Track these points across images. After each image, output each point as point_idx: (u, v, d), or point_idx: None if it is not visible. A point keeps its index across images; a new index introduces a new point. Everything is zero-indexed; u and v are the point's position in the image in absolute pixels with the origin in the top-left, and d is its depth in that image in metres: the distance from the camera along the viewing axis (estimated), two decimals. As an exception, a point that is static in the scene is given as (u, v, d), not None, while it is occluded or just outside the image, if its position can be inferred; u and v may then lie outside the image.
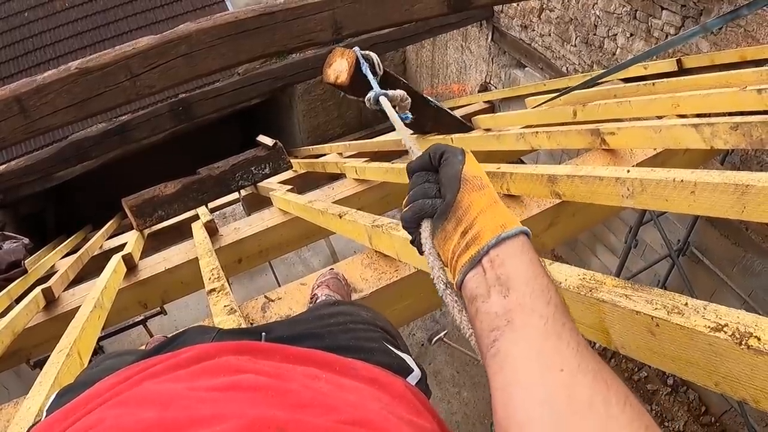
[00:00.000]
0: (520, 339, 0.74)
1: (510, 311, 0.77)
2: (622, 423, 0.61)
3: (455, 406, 7.04)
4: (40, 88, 4.19)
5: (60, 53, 9.44)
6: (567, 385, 0.66)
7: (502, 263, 0.82)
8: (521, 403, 0.67)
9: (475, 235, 0.86)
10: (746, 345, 0.94)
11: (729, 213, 1.62)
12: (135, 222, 4.50)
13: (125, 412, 0.77)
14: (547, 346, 0.71)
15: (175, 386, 0.84)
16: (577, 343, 0.71)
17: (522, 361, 0.71)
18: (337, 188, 4.26)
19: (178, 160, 7.91)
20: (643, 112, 3.53)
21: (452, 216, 0.90)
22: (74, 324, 2.27)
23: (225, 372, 0.87)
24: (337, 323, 1.24)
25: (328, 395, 0.82)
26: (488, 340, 0.77)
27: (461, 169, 0.92)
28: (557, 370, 0.68)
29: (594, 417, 0.62)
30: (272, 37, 4.82)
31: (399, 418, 0.80)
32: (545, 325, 0.73)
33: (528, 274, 0.80)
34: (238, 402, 0.75)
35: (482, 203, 0.89)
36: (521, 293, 0.78)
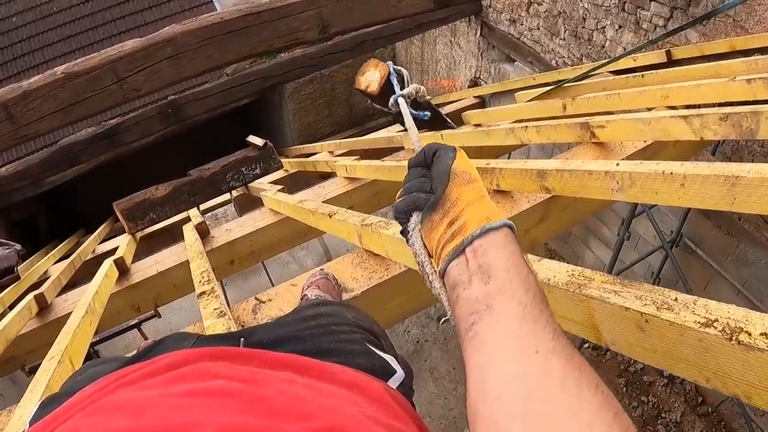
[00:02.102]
0: (498, 322, 0.76)
1: (489, 296, 0.79)
2: (593, 406, 0.63)
3: (452, 402, 7.04)
4: (27, 93, 4.18)
5: (48, 58, 9.43)
6: (541, 365, 0.68)
7: (484, 253, 0.84)
8: (495, 379, 0.69)
9: (460, 226, 0.89)
10: (737, 340, 0.93)
11: (719, 205, 1.62)
12: (127, 225, 4.49)
13: (98, 421, 0.76)
14: (524, 329, 0.73)
15: (148, 393, 0.83)
16: (554, 330, 0.73)
17: (498, 342, 0.74)
18: (328, 187, 4.25)
19: (169, 163, 7.87)
20: (633, 104, 3.53)
21: (440, 208, 0.93)
22: (65, 330, 2.26)
23: (199, 377, 0.86)
24: (319, 325, 1.24)
25: (304, 401, 0.82)
26: (467, 324, 0.79)
27: (451, 165, 0.96)
28: (532, 351, 0.70)
29: (566, 397, 0.64)
30: (258, 37, 4.82)
31: (376, 422, 0.79)
32: (523, 310, 0.75)
33: (509, 263, 0.82)
34: (212, 409, 0.75)
35: (470, 197, 0.92)
36: (501, 280, 0.80)
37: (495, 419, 0.66)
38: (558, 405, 0.63)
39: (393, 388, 1.04)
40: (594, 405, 0.63)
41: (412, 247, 1.00)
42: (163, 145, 8.11)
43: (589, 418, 0.62)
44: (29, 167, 6.47)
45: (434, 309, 8.02)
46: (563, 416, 0.62)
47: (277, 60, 7.59)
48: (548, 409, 0.63)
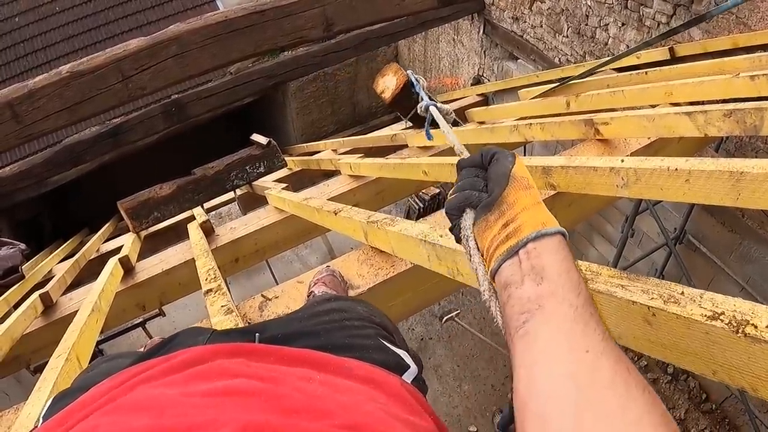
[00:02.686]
0: (550, 322, 0.78)
1: (542, 297, 0.81)
2: (641, 404, 0.64)
3: (456, 399, 7.04)
4: (32, 93, 4.18)
5: (52, 57, 9.43)
6: (591, 364, 0.69)
7: (538, 255, 0.86)
8: (546, 377, 0.71)
9: (516, 228, 0.91)
10: (743, 333, 0.93)
11: (724, 200, 1.62)
12: (131, 224, 4.50)
13: (119, 419, 0.77)
14: (575, 329, 0.75)
15: (168, 391, 0.83)
16: (603, 332, 0.75)
17: (550, 341, 0.75)
18: (332, 185, 4.25)
19: (173, 161, 7.89)
20: (637, 101, 3.53)
21: (496, 208, 0.95)
22: (72, 328, 2.27)
23: (218, 376, 0.86)
24: (332, 320, 1.24)
25: (323, 398, 0.82)
26: (518, 322, 0.81)
27: (511, 168, 0.98)
28: (583, 351, 0.71)
29: (615, 395, 0.65)
30: (263, 35, 4.82)
31: (395, 417, 0.80)
32: (574, 312, 0.77)
33: (561, 267, 0.84)
34: (232, 408, 0.75)
35: (527, 201, 0.94)
36: (554, 283, 0.82)
37: (545, 415, 0.67)
38: (608, 402, 0.65)
39: (408, 383, 1.05)
40: (642, 404, 0.65)
41: (465, 244, 1.02)
42: (166, 144, 8.09)
43: (637, 415, 0.63)
44: (33, 167, 6.48)
45: (438, 307, 8.02)
46: (613, 413, 0.64)
47: (280, 58, 7.59)
48: (598, 406, 0.65)
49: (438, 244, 1.72)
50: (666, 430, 0.63)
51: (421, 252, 1.86)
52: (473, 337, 7.72)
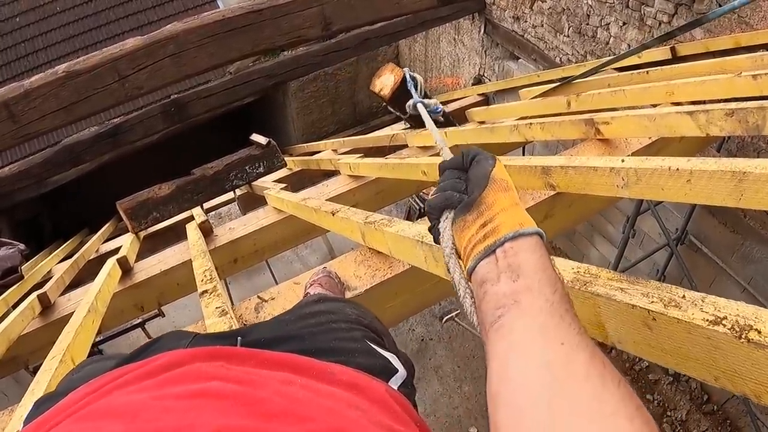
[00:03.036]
0: (525, 315, 0.78)
1: (517, 293, 0.82)
2: (616, 398, 0.64)
3: (456, 400, 7.04)
4: (28, 92, 4.18)
5: (52, 57, 9.44)
6: (566, 356, 0.70)
7: (515, 254, 0.87)
8: (520, 368, 0.71)
9: (493, 228, 0.92)
10: (746, 338, 0.92)
11: (726, 201, 1.60)
12: (130, 224, 4.49)
13: (91, 426, 0.75)
14: (550, 323, 0.75)
15: (141, 396, 0.82)
16: (578, 327, 0.75)
17: (524, 332, 0.76)
18: (331, 185, 4.24)
19: (173, 162, 7.87)
20: (638, 100, 3.51)
21: (475, 209, 0.97)
22: (67, 330, 2.26)
23: (194, 379, 0.85)
24: (318, 323, 1.24)
25: (302, 403, 0.81)
26: (493, 317, 0.82)
27: (491, 171, 1.00)
28: (558, 343, 0.72)
29: (590, 387, 0.65)
30: (261, 35, 4.81)
31: (377, 425, 0.78)
32: (550, 307, 0.78)
33: (538, 265, 0.85)
34: (206, 411, 0.74)
35: (505, 203, 0.96)
36: (530, 279, 0.83)
37: (519, 405, 0.67)
38: (583, 394, 0.65)
39: (394, 389, 1.04)
40: (617, 397, 0.64)
41: (442, 243, 1.04)
42: (166, 144, 8.10)
43: (613, 407, 0.63)
44: (32, 167, 6.47)
45: (438, 307, 8.01)
46: (588, 404, 0.64)
47: (280, 58, 7.58)
48: (573, 397, 0.65)
49: (434, 245, 1.70)
50: (641, 422, 0.62)
51: (418, 253, 1.84)
52: (474, 337, 7.71)
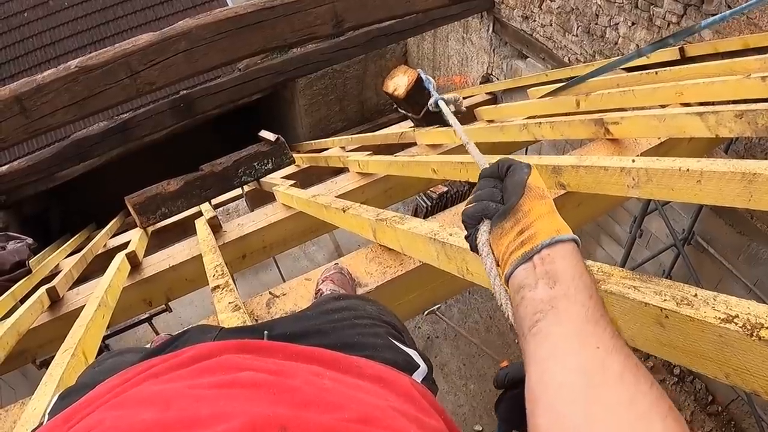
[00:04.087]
0: (562, 320, 0.81)
1: (554, 299, 0.84)
2: (649, 398, 0.67)
3: (462, 398, 7.04)
4: (41, 87, 4.19)
5: (60, 52, 9.43)
6: (602, 359, 0.72)
7: (552, 261, 0.89)
8: (557, 371, 0.74)
9: (530, 235, 0.94)
10: (757, 336, 0.93)
11: (736, 202, 1.61)
12: (138, 220, 4.49)
13: (125, 413, 0.76)
14: (586, 328, 0.78)
15: (174, 386, 0.83)
16: (613, 332, 0.78)
17: (561, 338, 0.79)
18: (340, 182, 4.25)
19: (181, 157, 7.88)
20: (647, 101, 3.52)
21: (512, 216, 0.98)
22: (78, 323, 2.27)
23: (226, 370, 0.86)
24: (342, 319, 1.24)
25: (333, 393, 0.82)
26: (530, 321, 0.84)
27: (527, 179, 1.01)
28: (594, 347, 0.74)
29: (624, 389, 0.68)
30: (272, 32, 4.81)
31: (406, 416, 0.79)
32: (586, 313, 0.80)
33: (575, 272, 0.87)
34: (240, 400, 0.75)
35: (541, 210, 0.97)
36: (567, 286, 0.85)
37: (557, 409, 0.70)
38: (617, 395, 0.68)
39: (418, 382, 1.04)
40: (650, 397, 0.67)
41: (479, 250, 1.05)
42: (174, 140, 8.11)
43: (645, 407, 0.66)
44: (41, 161, 6.48)
45: (445, 306, 8.02)
46: (622, 405, 0.66)
47: (289, 55, 7.59)
48: (608, 399, 0.68)
49: (447, 242, 1.72)
50: (673, 420, 0.65)
51: (431, 250, 1.85)
52: (480, 335, 7.72)
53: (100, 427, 0.72)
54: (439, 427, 0.84)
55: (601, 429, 0.65)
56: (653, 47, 4.12)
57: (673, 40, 4.12)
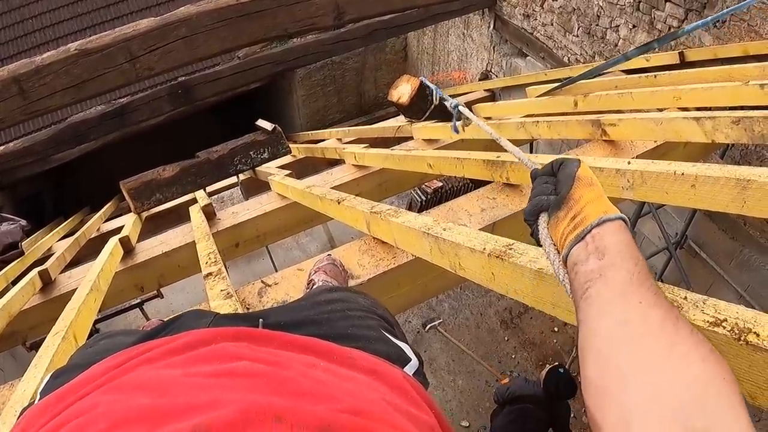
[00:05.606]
0: (609, 285, 0.88)
1: (603, 268, 0.92)
2: (689, 342, 0.74)
3: (450, 394, 7.05)
4: (39, 69, 4.17)
5: (60, 35, 9.40)
6: (643, 312, 0.80)
7: (602, 237, 0.97)
8: (603, 325, 0.83)
9: (582, 219, 1.02)
10: (745, 341, 0.93)
11: (729, 207, 1.62)
12: (133, 205, 4.49)
13: (120, 398, 0.76)
14: (631, 289, 0.85)
15: (170, 372, 0.83)
16: (656, 290, 0.85)
17: (608, 298, 0.87)
18: (336, 174, 4.25)
19: (177, 144, 7.88)
20: (645, 104, 3.52)
21: (565, 206, 1.07)
22: (70, 307, 2.27)
23: (221, 359, 0.87)
24: (335, 310, 1.25)
25: (326, 384, 0.82)
26: (582, 290, 0.92)
27: (576, 171, 1.10)
28: (636, 302, 0.82)
29: (665, 335, 0.75)
30: (273, 21, 4.80)
31: (397, 409, 0.80)
32: (631, 277, 0.87)
33: (622, 245, 0.94)
34: (235, 388, 0.75)
35: (591, 196, 1.05)
36: (614, 257, 0.92)
37: (604, 355, 0.78)
38: (658, 342, 0.75)
39: (410, 376, 1.05)
40: (690, 341, 0.74)
41: (542, 241, 1.14)
42: (171, 125, 8.10)
43: (686, 350, 0.73)
44: (37, 143, 6.46)
45: (436, 301, 8.03)
46: (663, 350, 0.73)
47: (289, 45, 7.58)
48: (649, 345, 0.75)
49: (441, 237, 1.72)
50: (714, 360, 0.71)
51: (424, 244, 1.86)
52: (469, 332, 7.72)
53: (95, 412, 0.73)
54: (430, 421, 0.85)
55: (644, 372, 0.71)
56: (639, 51, 4.16)
57: (658, 45, 4.14)
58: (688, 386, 0.68)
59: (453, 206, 2.77)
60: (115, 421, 0.69)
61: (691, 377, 0.69)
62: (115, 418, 0.70)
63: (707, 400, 0.66)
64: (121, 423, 0.69)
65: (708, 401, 0.66)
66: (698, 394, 0.67)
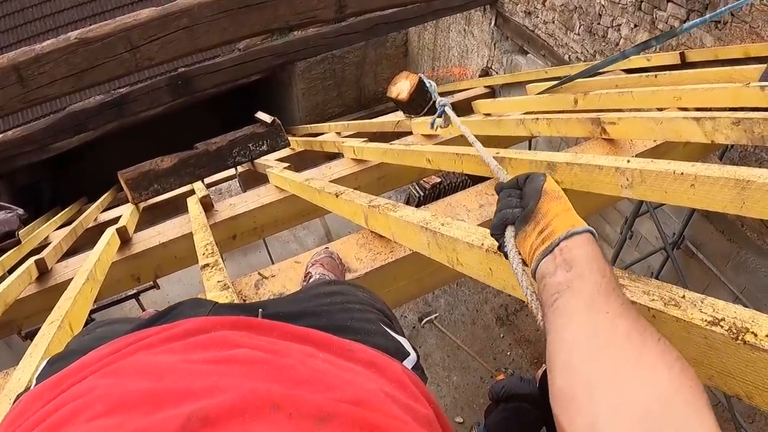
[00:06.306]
0: (576, 295, 0.90)
1: (570, 279, 0.94)
2: (655, 351, 0.75)
3: (444, 390, 7.06)
4: (39, 57, 4.16)
5: (60, 24, 9.38)
6: (611, 322, 0.82)
7: (569, 250, 0.99)
8: (570, 334, 0.85)
9: (550, 233, 1.04)
10: (742, 340, 0.94)
11: (728, 208, 1.62)
12: (130, 195, 4.49)
13: (117, 382, 0.77)
14: (598, 299, 0.87)
15: (169, 358, 0.84)
16: (623, 300, 0.87)
17: (575, 308, 0.88)
18: (335, 167, 4.25)
19: (176, 135, 7.87)
20: (645, 103, 3.52)
21: (532, 220, 1.09)
22: (66, 296, 2.27)
23: (220, 346, 0.87)
24: (334, 303, 1.25)
25: (326, 373, 0.83)
26: (550, 301, 0.94)
27: (543, 184, 1.13)
28: (603, 312, 0.84)
29: (631, 345, 0.77)
30: (274, 13, 4.79)
31: (396, 402, 0.80)
32: (598, 288, 0.89)
33: (589, 257, 0.97)
34: (234, 375, 0.76)
35: (558, 209, 1.08)
36: (582, 268, 0.94)
37: (571, 365, 0.79)
38: (625, 351, 0.76)
39: (409, 369, 1.05)
40: (657, 350, 0.75)
41: (509, 256, 1.14)
42: (170, 116, 8.09)
43: (653, 359, 0.74)
44: (35, 132, 6.44)
45: (432, 296, 8.03)
46: (630, 359, 0.75)
47: (289, 38, 7.56)
48: (616, 354, 0.76)
49: (439, 232, 1.72)
50: (679, 369, 0.72)
51: (422, 239, 1.86)
52: (465, 328, 7.73)
53: (92, 395, 0.73)
54: (428, 415, 0.85)
55: (611, 381, 0.72)
56: (637, 49, 4.16)
57: (656, 43, 4.14)
58: (654, 395, 0.69)
59: (451, 202, 2.77)
60: (113, 405, 0.69)
61: (658, 386, 0.70)
62: (113, 402, 0.70)
63: (674, 408, 0.67)
64: (119, 407, 0.69)
65: (674, 409, 0.67)
66: (665, 402, 0.68)
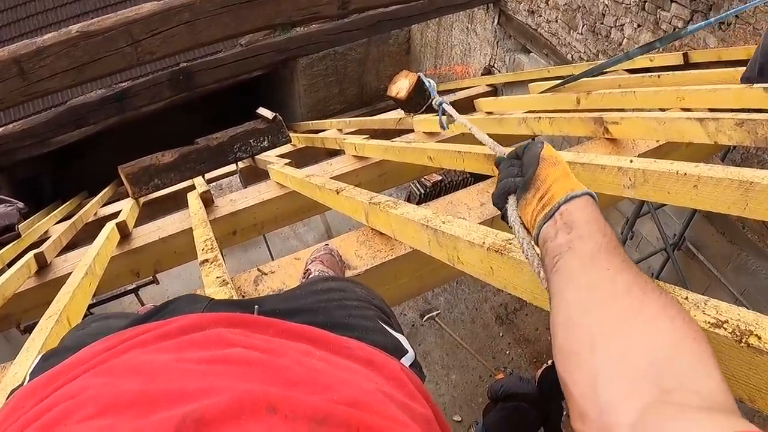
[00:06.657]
0: (577, 256, 0.91)
1: (571, 240, 0.94)
2: (657, 304, 0.75)
3: (443, 388, 7.06)
4: (40, 50, 4.15)
5: (62, 17, 9.37)
6: (610, 277, 0.82)
7: (569, 213, 1.00)
8: (570, 289, 0.86)
9: (550, 198, 1.05)
10: (746, 343, 0.93)
11: (731, 209, 1.61)
12: (131, 190, 4.48)
13: (110, 381, 0.75)
14: (599, 257, 0.87)
15: (162, 357, 0.82)
16: (624, 258, 0.87)
17: (576, 267, 0.89)
18: (336, 164, 4.24)
19: (177, 130, 7.86)
20: (648, 103, 3.51)
21: (532, 187, 1.09)
22: (64, 290, 2.26)
23: (215, 345, 0.85)
24: (332, 299, 1.23)
25: (322, 373, 0.81)
26: (552, 264, 0.95)
27: (540, 151, 1.13)
28: (604, 269, 0.84)
29: (632, 299, 0.77)
30: (277, 9, 4.79)
31: (394, 401, 0.79)
32: (599, 246, 0.90)
33: (589, 218, 0.97)
34: (228, 376, 0.74)
35: (556, 174, 1.08)
36: (582, 230, 0.95)
37: (572, 320, 0.80)
38: (625, 304, 0.76)
39: (407, 367, 1.04)
40: (659, 303, 0.76)
41: (511, 224, 1.15)
42: (172, 111, 8.08)
43: (654, 311, 0.74)
44: (36, 126, 6.43)
45: (432, 294, 8.03)
46: (631, 312, 0.75)
47: (292, 34, 7.55)
48: (617, 308, 0.77)
49: (440, 230, 1.71)
50: (682, 321, 0.73)
51: (422, 237, 1.85)
52: (464, 326, 7.73)
53: (85, 394, 0.72)
54: (426, 414, 0.84)
55: (612, 334, 0.73)
56: (641, 50, 4.15)
57: (660, 44, 4.14)
58: (656, 346, 0.69)
59: (452, 200, 2.76)
60: (105, 406, 0.68)
61: (659, 337, 0.71)
62: (105, 403, 0.69)
63: (677, 359, 0.67)
64: (111, 408, 0.67)
65: (678, 360, 0.67)
66: (668, 353, 0.68)
